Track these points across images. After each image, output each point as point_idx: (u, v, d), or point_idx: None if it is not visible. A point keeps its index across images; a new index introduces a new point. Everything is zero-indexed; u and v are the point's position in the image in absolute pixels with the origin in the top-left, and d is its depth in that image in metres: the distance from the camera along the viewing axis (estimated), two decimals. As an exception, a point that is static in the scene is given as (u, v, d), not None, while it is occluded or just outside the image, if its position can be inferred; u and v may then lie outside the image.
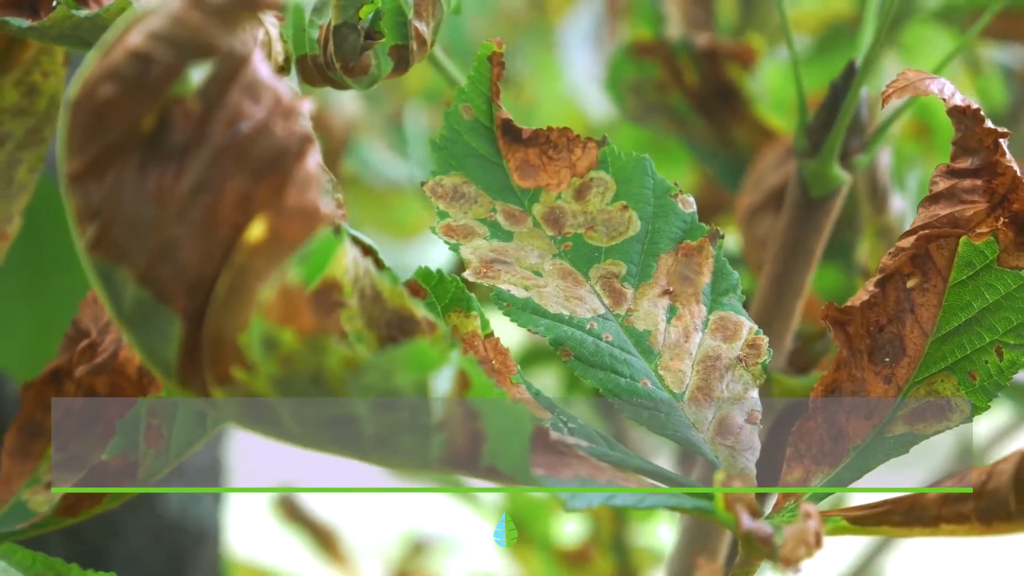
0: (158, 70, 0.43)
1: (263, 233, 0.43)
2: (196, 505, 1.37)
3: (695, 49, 1.06)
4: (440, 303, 0.59)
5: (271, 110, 0.44)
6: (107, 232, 0.43)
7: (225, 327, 0.43)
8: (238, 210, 0.43)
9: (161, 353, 0.45)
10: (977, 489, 0.52)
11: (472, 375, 0.47)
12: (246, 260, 0.43)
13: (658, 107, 1.10)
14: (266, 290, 0.43)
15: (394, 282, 0.50)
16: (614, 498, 0.53)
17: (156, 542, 1.34)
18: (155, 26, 0.43)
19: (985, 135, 0.59)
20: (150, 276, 0.44)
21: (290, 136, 0.44)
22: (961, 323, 0.61)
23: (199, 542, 1.38)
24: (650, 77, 1.08)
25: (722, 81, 1.07)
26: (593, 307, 0.62)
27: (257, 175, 0.43)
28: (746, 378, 0.62)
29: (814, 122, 0.77)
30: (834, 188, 0.77)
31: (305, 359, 0.43)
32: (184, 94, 0.43)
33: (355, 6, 0.61)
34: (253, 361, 0.43)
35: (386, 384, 0.45)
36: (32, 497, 0.66)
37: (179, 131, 0.43)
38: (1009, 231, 0.60)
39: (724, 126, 1.09)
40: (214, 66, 0.43)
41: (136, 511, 1.32)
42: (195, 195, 0.43)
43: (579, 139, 0.65)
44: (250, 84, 0.44)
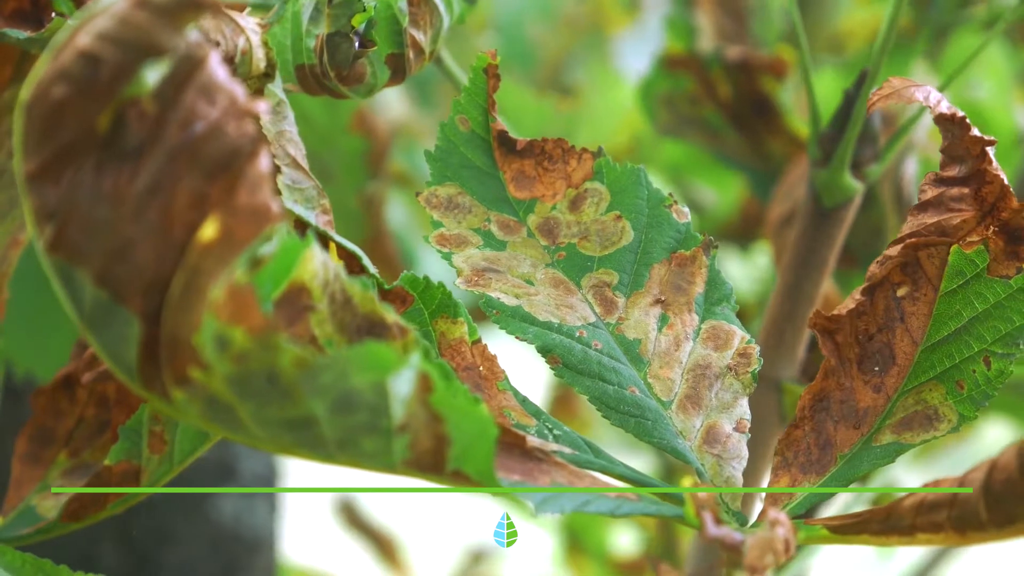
0: (107, 70, 0.44)
1: (215, 233, 0.44)
2: (251, 514, 1.38)
3: (727, 61, 1.06)
4: (427, 309, 0.60)
5: (225, 111, 0.45)
6: (64, 233, 0.44)
7: (180, 327, 0.44)
8: (192, 210, 0.44)
9: (121, 354, 0.46)
10: (950, 498, 0.52)
11: (434, 379, 0.47)
12: (198, 260, 0.44)
13: (691, 120, 1.10)
14: (216, 289, 0.43)
15: (364, 287, 0.50)
16: (588, 504, 0.54)
17: (210, 550, 1.35)
18: (102, 27, 0.44)
19: (972, 143, 0.59)
20: (107, 276, 0.45)
21: (242, 137, 0.44)
22: (950, 332, 0.60)
23: (254, 550, 1.39)
24: (683, 90, 1.09)
25: (756, 93, 1.07)
26: (584, 315, 0.63)
27: (210, 175, 0.44)
28: (736, 387, 0.62)
29: (827, 132, 0.77)
30: (846, 198, 0.77)
31: (258, 358, 0.44)
32: (139, 95, 0.44)
33: (347, 15, 0.62)
34: (208, 361, 0.44)
35: (343, 385, 0.46)
36: (41, 502, 0.67)
37: (134, 132, 0.44)
38: (999, 240, 0.60)
39: (758, 138, 1.09)
40: (170, 67, 0.44)
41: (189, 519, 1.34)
42: (150, 196, 0.44)
43: (574, 150, 0.65)
44: (205, 85, 0.45)
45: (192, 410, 0.47)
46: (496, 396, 0.60)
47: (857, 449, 0.60)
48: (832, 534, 0.56)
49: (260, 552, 1.39)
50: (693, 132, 1.11)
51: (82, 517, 0.65)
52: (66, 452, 0.69)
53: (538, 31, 1.56)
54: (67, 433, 0.69)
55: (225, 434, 0.48)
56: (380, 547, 1.80)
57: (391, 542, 1.79)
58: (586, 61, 1.58)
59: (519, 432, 0.54)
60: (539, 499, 0.52)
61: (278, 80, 0.58)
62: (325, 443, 0.48)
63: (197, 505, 1.34)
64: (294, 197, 0.58)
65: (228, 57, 0.55)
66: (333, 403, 0.46)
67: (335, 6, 0.61)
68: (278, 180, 0.57)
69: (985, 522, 0.51)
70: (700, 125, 1.10)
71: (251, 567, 1.39)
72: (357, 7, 0.62)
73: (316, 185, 0.58)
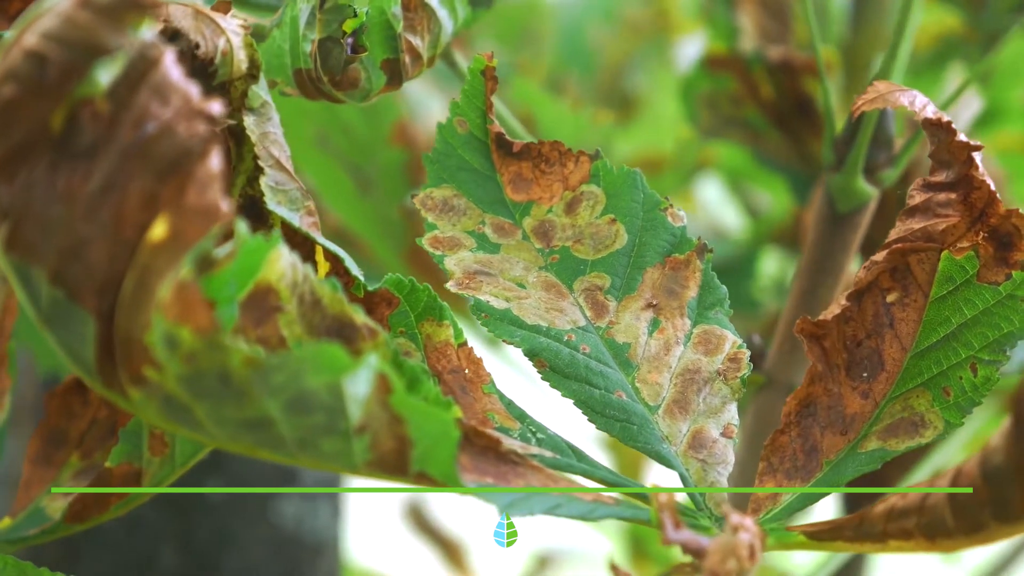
0: (55, 70, 0.45)
1: (164, 232, 0.45)
2: (313, 517, 1.39)
3: (769, 62, 1.06)
4: (414, 312, 0.61)
5: (177, 111, 0.45)
6: (19, 232, 0.45)
7: (133, 326, 0.45)
8: (143, 210, 0.45)
9: (80, 353, 0.47)
10: (918, 505, 0.52)
11: (393, 380, 0.48)
12: (149, 259, 0.45)
13: (733, 120, 1.10)
14: (163, 288, 0.44)
15: (334, 289, 0.51)
16: (559, 508, 0.54)
17: (272, 554, 1.36)
18: (47, 26, 0.45)
19: (958, 148, 0.59)
20: (61, 275, 0.46)
21: (193, 137, 0.45)
22: (939, 339, 0.60)
23: (316, 554, 1.39)
24: (725, 90, 1.08)
25: (799, 94, 1.06)
26: (574, 319, 0.63)
27: (160, 176, 0.45)
28: (724, 392, 0.62)
29: (841, 136, 0.77)
30: (861, 203, 0.76)
31: (208, 358, 0.45)
32: (92, 95, 0.45)
33: (338, 20, 0.62)
34: (160, 360, 0.45)
35: (297, 385, 0.46)
36: (50, 504, 0.68)
37: (88, 132, 0.45)
38: (989, 246, 0.59)
39: (801, 140, 1.08)
40: (123, 67, 0.45)
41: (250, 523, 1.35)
42: (102, 195, 0.45)
43: (571, 153, 0.65)
44: (159, 85, 0.46)
45: (151, 409, 0.48)
46: (481, 399, 0.60)
47: (843, 455, 0.60)
48: (809, 540, 0.56)
49: (323, 556, 1.40)
50: (735, 133, 1.11)
51: (85, 518, 0.66)
52: (78, 454, 0.70)
53: (599, 36, 1.56)
54: (80, 435, 0.70)
55: (186, 434, 0.49)
56: (447, 551, 1.81)
57: (458, 546, 1.80)
58: (648, 66, 1.57)
59: (493, 435, 0.55)
60: (507, 501, 0.52)
61: (263, 82, 0.59)
62: (284, 443, 0.49)
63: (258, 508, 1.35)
64: (278, 199, 0.58)
65: (208, 58, 0.56)
66: (288, 403, 0.47)
67: (326, 11, 0.62)
68: (261, 182, 0.58)
69: (953, 529, 0.51)
70: (742, 126, 1.10)
71: (313, 571, 1.39)
72: (347, 12, 0.62)
73: (300, 187, 0.59)
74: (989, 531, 0.50)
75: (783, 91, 1.07)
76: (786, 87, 1.07)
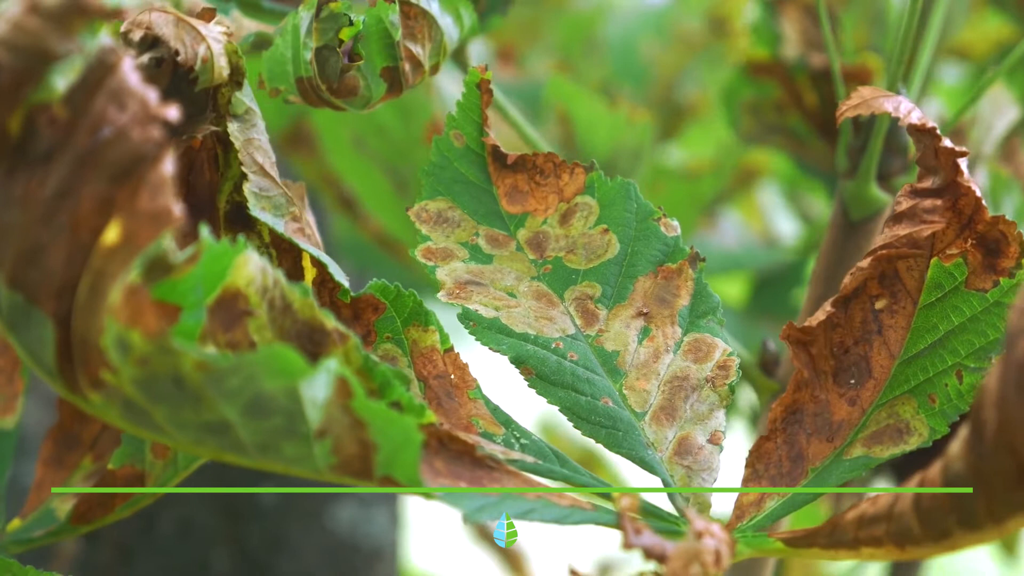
0: (7, 76, 0.46)
1: (117, 237, 0.46)
2: (368, 523, 1.40)
3: (812, 69, 1.05)
4: (400, 317, 0.61)
5: (133, 116, 0.46)
6: (-24, 236, 0.46)
7: (89, 330, 0.46)
8: (98, 215, 0.46)
9: (40, 356, 0.48)
10: (886, 512, 0.51)
11: (353, 385, 0.48)
12: (102, 263, 0.46)
13: (776, 128, 1.09)
14: (114, 292, 0.45)
15: (305, 293, 0.52)
16: (532, 513, 0.54)
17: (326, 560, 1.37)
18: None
19: (943, 154, 0.58)
20: (20, 279, 0.47)
21: (147, 142, 0.46)
22: (927, 346, 0.59)
23: (372, 560, 1.40)
24: (769, 97, 1.08)
25: (841, 102, 1.05)
26: (563, 327, 0.63)
27: (114, 180, 0.46)
28: (712, 399, 0.62)
29: (854, 142, 0.76)
30: (874, 210, 0.76)
31: (160, 361, 0.46)
32: (48, 100, 0.46)
33: (335, 29, 0.63)
34: (114, 363, 0.46)
35: (253, 389, 0.47)
36: (60, 505, 0.69)
37: (45, 137, 0.46)
38: (978, 253, 0.59)
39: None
40: (81, 73, 0.46)
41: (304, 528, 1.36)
42: (59, 200, 0.46)
43: (566, 164, 0.66)
44: (116, 91, 0.46)
45: (112, 412, 0.49)
46: (466, 404, 0.61)
47: (828, 462, 0.59)
48: (786, 547, 0.56)
49: (379, 562, 1.41)
50: (777, 140, 1.10)
51: (90, 519, 0.67)
52: (91, 456, 0.72)
53: (651, 50, 1.56)
54: (92, 438, 0.71)
55: (149, 437, 0.50)
56: (508, 560, 1.81)
57: (519, 555, 1.80)
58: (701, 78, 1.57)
59: (469, 439, 0.55)
60: (477, 505, 0.53)
61: (247, 88, 0.60)
62: (246, 448, 0.49)
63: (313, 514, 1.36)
64: (261, 204, 0.59)
65: (188, 65, 0.57)
66: (245, 407, 0.47)
67: (322, 20, 0.63)
68: (245, 188, 0.59)
69: (920, 536, 0.50)
70: (785, 133, 1.09)
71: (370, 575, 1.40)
72: (343, 21, 0.63)
73: (284, 192, 0.60)
74: (955, 538, 0.49)
75: (826, 99, 1.07)
76: (829, 94, 1.06)
